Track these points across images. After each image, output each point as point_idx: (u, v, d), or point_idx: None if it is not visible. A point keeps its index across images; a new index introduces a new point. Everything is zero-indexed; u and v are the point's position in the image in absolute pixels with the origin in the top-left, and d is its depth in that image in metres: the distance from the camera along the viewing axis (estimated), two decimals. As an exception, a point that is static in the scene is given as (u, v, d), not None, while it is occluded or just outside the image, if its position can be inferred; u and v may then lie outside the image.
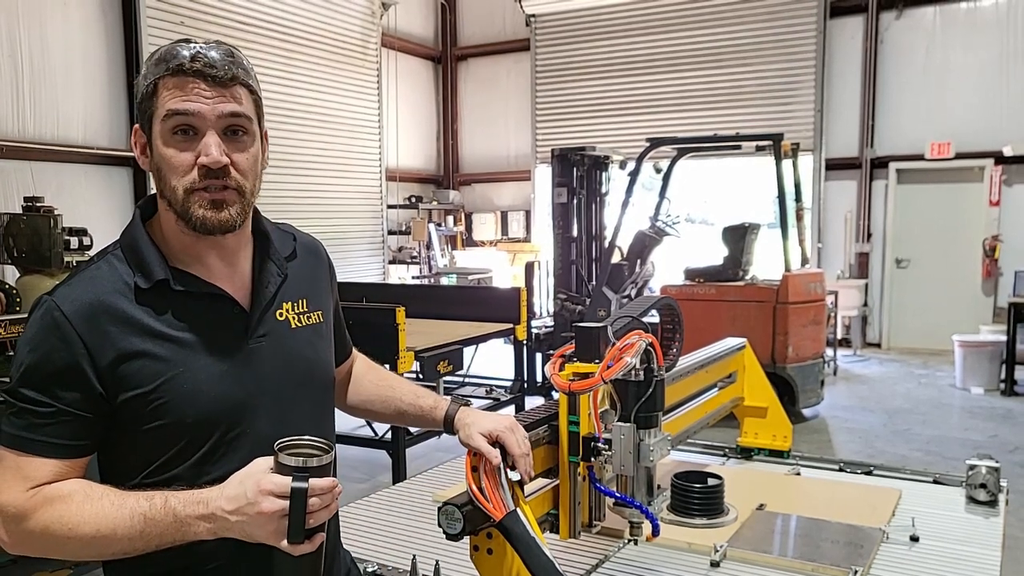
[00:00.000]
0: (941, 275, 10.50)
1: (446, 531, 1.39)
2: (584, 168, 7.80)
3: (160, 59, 1.29)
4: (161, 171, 1.31)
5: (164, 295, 1.32)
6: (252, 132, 1.34)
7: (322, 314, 1.53)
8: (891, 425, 7.05)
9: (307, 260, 1.55)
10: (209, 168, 1.28)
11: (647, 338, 1.57)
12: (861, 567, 1.78)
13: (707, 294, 7.16)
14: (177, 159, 1.29)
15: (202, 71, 1.27)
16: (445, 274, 11.11)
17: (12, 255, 5.65)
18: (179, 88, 1.27)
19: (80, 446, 1.28)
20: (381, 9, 11.72)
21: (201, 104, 1.27)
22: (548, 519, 1.66)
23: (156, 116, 1.29)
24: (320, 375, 1.50)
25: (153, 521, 1.18)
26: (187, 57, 1.27)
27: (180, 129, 1.28)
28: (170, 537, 1.19)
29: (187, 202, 1.29)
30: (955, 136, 10.13)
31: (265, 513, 1.12)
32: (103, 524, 1.20)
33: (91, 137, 8.01)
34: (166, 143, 1.29)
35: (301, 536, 1.14)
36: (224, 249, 1.38)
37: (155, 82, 1.28)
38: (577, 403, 1.61)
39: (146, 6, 8.29)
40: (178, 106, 1.27)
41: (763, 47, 11.08)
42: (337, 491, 1.17)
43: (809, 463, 2.66)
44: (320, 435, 1.51)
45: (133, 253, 1.34)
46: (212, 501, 1.16)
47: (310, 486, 1.13)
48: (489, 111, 13.39)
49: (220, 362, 1.33)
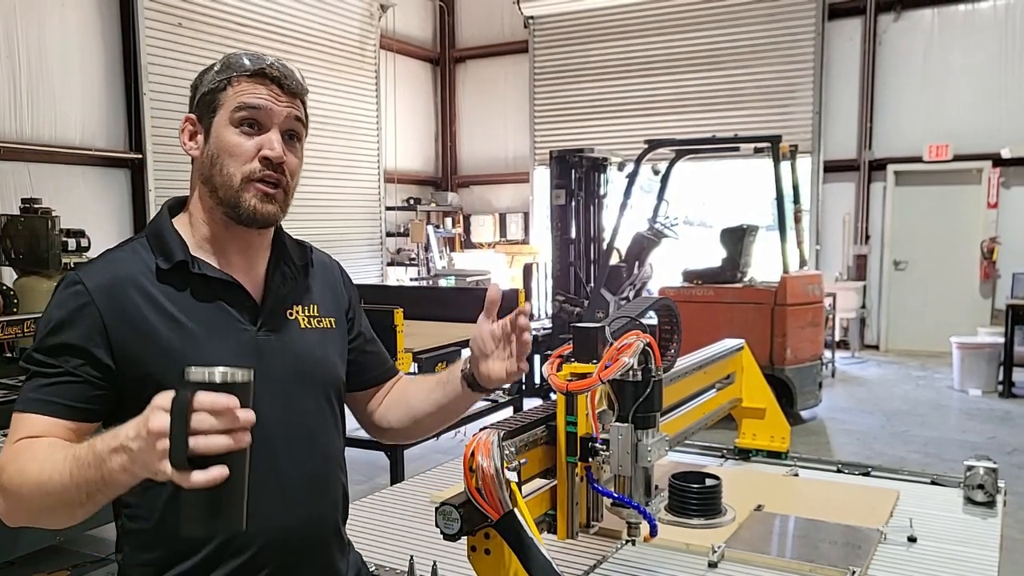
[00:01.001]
0: (939, 277, 10.52)
1: (443, 531, 1.39)
2: (582, 170, 7.80)
3: (234, 63, 1.40)
4: (218, 157, 1.39)
5: (183, 278, 1.39)
6: (303, 142, 1.47)
7: (333, 321, 1.57)
8: (889, 427, 7.05)
9: (321, 273, 1.61)
10: (271, 161, 1.38)
11: (645, 338, 1.57)
12: (859, 568, 1.78)
13: (705, 296, 7.16)
14: (240, 147, 1.38)
15: (278, 78, 1.40)
16: (443, 276, 11.11)
17: (10, 257, 5.65)
18: (254, 86, 1.39)
19: (76, 408, 1.29)
20: (379, 11, 11.73)
21: (273, 103, 1.39)
22: (546, 519, 1.66)
23: (224, 107, 1.39)
24: (326, 374, 1.53)
25: (79, 461, 1.14)
26: (267, 63, 1.40)
27: (247, 121, 1.38)
28: (94, 479, 1.12)
29: (242, 190, 1.39)
30: (953, 138, 10.15)
31: (152, 431, 1.02)
32: (46, 469, 1.18)
33: (89, 139, 8.01)
34: (235, 132, 1.38)
35: (182, 456, 0.98)
36: (247, 246, 1.46)
37: (229, 79, 1.39)
38: (575, 403, 1.61)
39: (144, 7, 8.29)
40: (251, 100, 1.38)
41: (761, 49, 11.09)
42: (241, 415, 1.01)
43: (807, 464, 2.65)
44: (325, 434, 1.53)
45: (157, 240, 1.42)
46: (122, 431, 1.09)
47: (197, 398, 0.99)
48: (487, 113, 13.40)
49: (228, 349, 1.38)
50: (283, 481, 1.43)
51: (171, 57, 8.50)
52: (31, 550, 3.49)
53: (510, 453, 1.50)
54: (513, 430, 1.55)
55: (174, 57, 8.50)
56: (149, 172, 8.40)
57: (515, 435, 1.54)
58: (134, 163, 8.38)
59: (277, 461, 1.42)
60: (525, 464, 1.54)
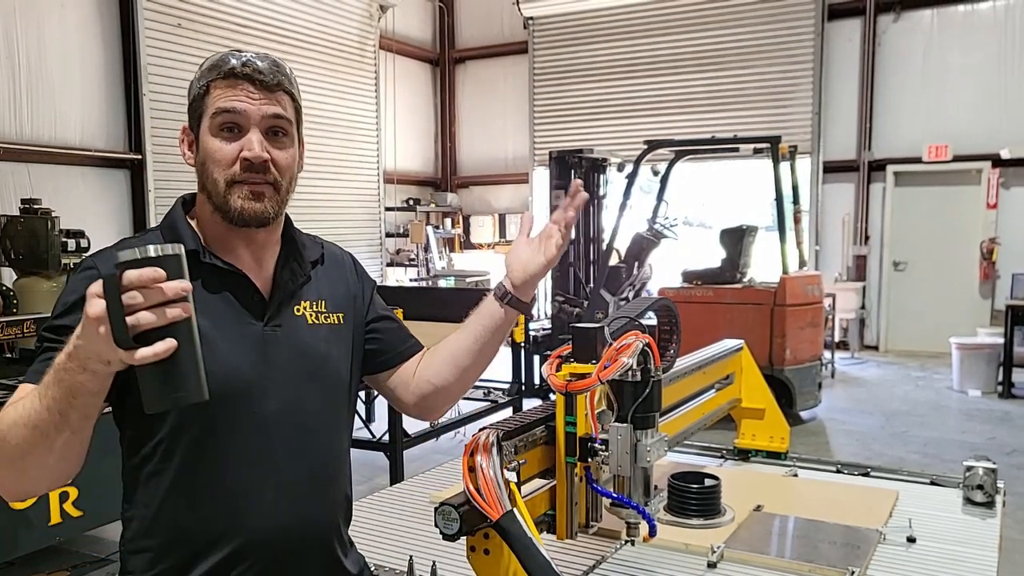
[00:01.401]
0: (938, 278, 10.52)
1: (443, 531, 1.39)
2: (582, 170, 7.80)
3: (213, 65, 1.40)
4: (205, 164, 1.41)
5: (194, 267, 1.35)
6: (291, 135, 1.45)
7: (342, 317, 1.57)
8: (888, 427, 7.05)
9: (332, 268, 1.62)
10: (251, 162, 1.38)
11: (644, 339, 1.57)
12: (858, 568, 1.78)
13: (705, 296, 7.16)
14: (221, 152, 1.39)
15: (251, 76, 1.38)
16: (443, 276, 11.11)
17: (9, 257, 5.65)
18: (228, 89, 1.38)
19: None
20: (379, 11, 11.73)
21: (247, 104, 1.38)
22: (545, 520, 1.66)
23: (206, 114, 1.40)
24: (332, 370, 1.53)
25: (44, 385, 1.15)
26: (238, 63, 1.38)
27: (226, 126, 1.39)
28: (60, 395, 1.13)
29: (228, 193, 1.39)
30: (953, 139, 10.15)
31: (91, 317, 1.04)
32: (19, 410, 1.19)
33: (88, 139, 8.01)
34: (212, 137, 1.39)
35: (124, 335, 1.01)
36: (254, 244, 1.46)
37: (207, 84, 1.39)
38: (574, 403, 1.61)
39: (143, 8, 8.29)
40: (226, 104, 1.38)
41: (761, 49, 11.10)
42: (169, 286, 1.03)
43: (806, 465, 2.65)
44: (329, 433, 1.52)
45: (171, 231, 1.44)
46: (73, 337, 1.10)
47: (125, 276, 1.01)
48: (487, 113, 13.40)
49: (234, 342, 1.39)
50: (282, 479, 1.42)
51: (170, 57, 8.50)
52: (31, 550, 3.49)
53: (509, 453, 1.50)
54: (512, 430, 1.55)
55: (173, 57, 8.51)
56: (148, 172, 8.41)
57: (514, 435, 1.55)
58: (133, 163, 8.38)
59: (277, 458, 1.42)
60: (524, 464, 1.54)
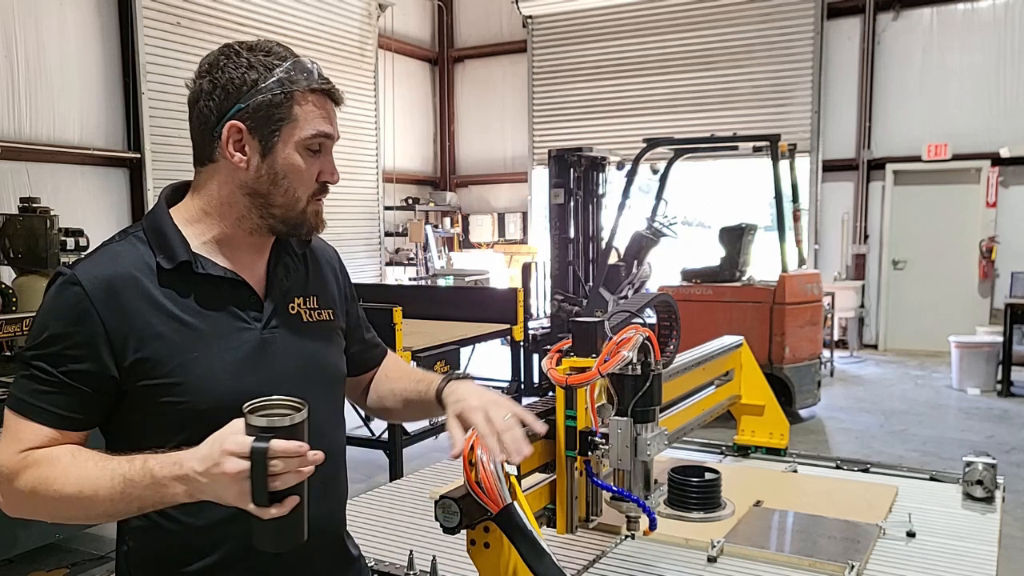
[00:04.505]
0: (938, 276, 10.52)
1: (443, 524, 1.39)
2: (581, 169, 7.81)
3: (289, 72, 1.34)
4: (284, 178, 1.36)
5: (185, 278, 1.35)
6: None
7: (332, 313, 1.56)
8: (888, 426, 7.06)
9: (318, 262, 1.59)
10: (327, 184, 1.42)
11: (644, 332, 1.57)
12: (858, 562, 1.78)
13: (704, 295, 7.16)
14: (309, 172, 1.38)
15: (330, 92, 1.39)
16: (442, 275, 11.11)
17: (8, 256, 5.64)
18: (319, 107, 1.36)
19: (77, 419, 1.30)
20: (378, 11, 11.72)
21: (334, 129, 1.40)
22: (545, 514, 1.66)
23: (292, 126, 1.35)
24: (332, 370, 1.53)
25: (132, 482, 1.19)
26: (317, 75, 1.36)
27: (315, 147, 1.38)
28: (150, 499, 1.20)
29: (305, 211, 1.40)
30: (952, 138, 10.16)
31: (228, 474, 1.12)
32: (86, 485, 1.22)
33: (87, 138, 8.00)
34: (302, 155, 1.37)
35: (265, 498, 1.12)
36: (258, 244, 1.44)
37: (290, 93, 1.33)
38: (574, 397, 1.61)
39: (142, 7, 8.28)
40: (325, 129, 1.37)
41: (760, 48, 11.10)
42: (309, 455, 1.14)
43: (806, 461, 2.65)
44: (332, 431, 1.52)
45: (156, 235, 1.36)
46: (186, 462, 1.16)
47: (272, 447, 1.11)
48: (486, 113, 13.40)
49: (236, 350, 1.36)
50: None
51: (170, 57, 8.49)
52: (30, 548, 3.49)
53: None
54: (512, 424, 1.54)
55: (173, 57, 8.50)
56: (147, 171, 8.40)
57: (514, 429, 1.54)
58: (132, 162, 8.37)
59: None
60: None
